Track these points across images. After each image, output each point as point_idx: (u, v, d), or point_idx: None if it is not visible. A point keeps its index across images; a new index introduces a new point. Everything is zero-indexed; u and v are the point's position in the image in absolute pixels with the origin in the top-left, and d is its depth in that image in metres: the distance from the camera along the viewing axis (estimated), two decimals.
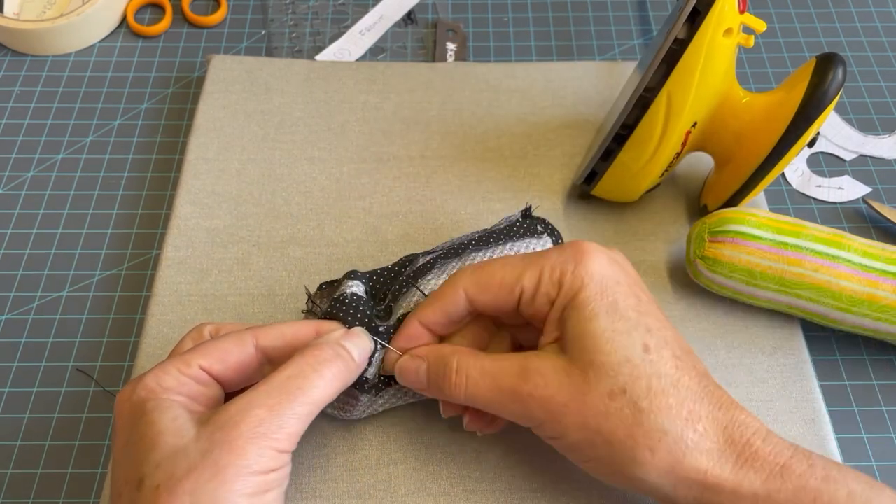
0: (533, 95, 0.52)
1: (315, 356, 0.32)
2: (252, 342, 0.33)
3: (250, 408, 0.29)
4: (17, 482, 0.39)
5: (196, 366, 0.31)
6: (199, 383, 0.31)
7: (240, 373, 0.33)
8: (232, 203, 0.46)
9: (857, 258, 0.39)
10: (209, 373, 0.32)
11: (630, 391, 0.30)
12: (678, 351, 0.32)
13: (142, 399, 0.30)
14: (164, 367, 0.31)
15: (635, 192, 0.44)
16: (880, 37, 0.58)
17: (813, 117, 0.39)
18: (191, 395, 0.31)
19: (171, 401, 0.30)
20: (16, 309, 0.45)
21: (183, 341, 0.34)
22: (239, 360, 0.32)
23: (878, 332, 0.40)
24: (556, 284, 0.33)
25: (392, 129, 0.50)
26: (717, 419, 0.30)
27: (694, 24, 0.37)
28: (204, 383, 0.32)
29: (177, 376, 0.31)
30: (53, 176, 0.50)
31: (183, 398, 0.31)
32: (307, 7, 0.59)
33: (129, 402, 0.30)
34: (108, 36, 0.57)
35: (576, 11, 0.59)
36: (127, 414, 0.30)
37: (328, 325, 0.35)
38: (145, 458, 0.28)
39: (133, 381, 0.31)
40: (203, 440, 0.28)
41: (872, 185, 0.50)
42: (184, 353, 0.32)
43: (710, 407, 0.31)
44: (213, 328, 0.35)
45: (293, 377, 0.31)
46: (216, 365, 0.32)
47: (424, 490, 0.37)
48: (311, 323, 0.35)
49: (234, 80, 0.51)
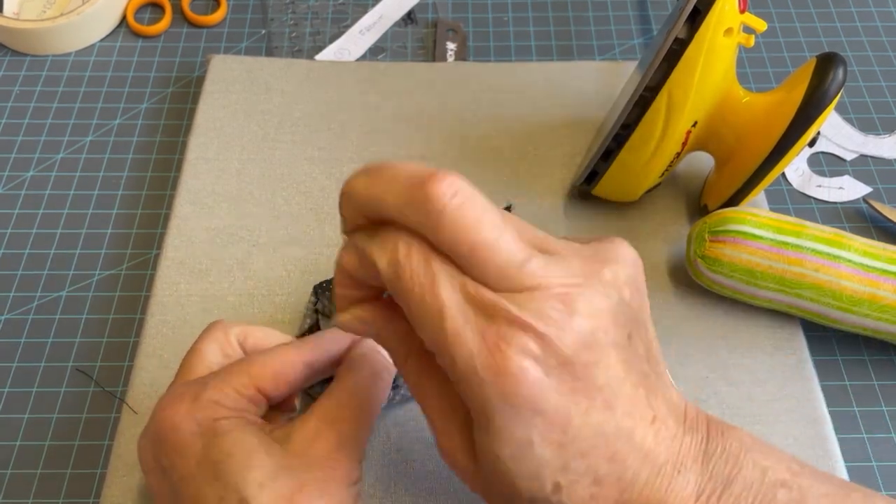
0: (533, 95, 0.51)
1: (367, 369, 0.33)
2: (300, 361, 0.33)
3: (331, 423, 0.30)
4: (17, 482, 0.39)
5: (253, 387, 0.32)
6: (252, 402, 0.32)
7: (286, 391, 0.33)
8: (232, 203, 0.46)
9: (857, 258, 0.39)
10: (261, 392, 0.32)
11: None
12: (601, 475, 0.26)
13: (210, 417, 0.30)
14: (220, 385, 0.31)
15: (636, 191, 0.44)
16: (881, 36, 0.58)
17: (813, 117, 0.38)
18: (247, 412, 0.31)
19: (247, 420, 0.30)
20: (15, 309, 0.45)
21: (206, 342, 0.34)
22: (288, 379, 0.33)
23: (878, 332, 0.40)
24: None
25: (392, 129, 0.50)
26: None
27: (694, 23, 0.37)
28: (255, 402, 0.32)
29: (235, 396, 0.31)
30: (53, 176, 0.50)
31: (246, 417, 0.31)
32: (307, 7, 0.59)
33: (191, 419, 0.30)
34: (108, 36, 0.57)
35: (576, 11, 0.59)
36: (190, 432, 0.30)
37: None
38: (243, 478, 0.28)
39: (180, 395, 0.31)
40: (298, 457, 0.29)
41: (873, 185, 0.50)
42: (235, 370, 0.32)
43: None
44: (240, 332, 0.35)
45: (355, 393, 0.32)
46: (269, 385, 0.32)
47: (424, 490, 0.37)
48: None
49: (234, 79, 0.51)
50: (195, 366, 0.34)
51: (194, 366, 0.34)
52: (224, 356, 0.34)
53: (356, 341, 0.35)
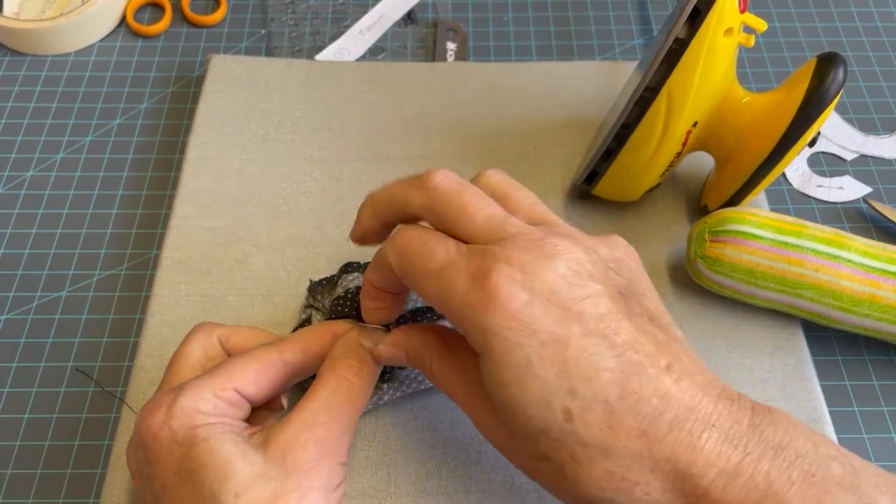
0: (533, 95, 0.51)
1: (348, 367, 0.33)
2: (280, 359, 0.33)
3: (309, 427, 0.30)
4: (17, 482, 0.39)
5: (231, 389, 0.31)
6: (232, 405, 0.31)
7: (269, 391, 0.33)
8: (232, 203, 0.46)
9: (858, 258, 0.39)
10: (241, 394, 0.32)
11: (554, 458, 0.27)
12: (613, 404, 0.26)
13: (186, 425, 0.30)
14: (197, 390, 0.31)
15: (636, 191, 0.44)
16: (881, 37, 0.58)
17: (814, 117, 0.38)
18: (227, 417, 0.31)
19: (223, 426, 0.30)
20: (15, 309, 0.45)
21: (190, 345, 0.34)
22: (269, 379, 0.33)
23: (878, 332, 0.40)
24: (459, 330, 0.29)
25: (392, 129, 0.50)
26: (662, 474, 0.26)
27: (694, 23, 0.37)
28: (236, 405, 0.32)
29: (213, 401, 0.31)
30: (53, 176, 0.50)
31: (226, 421, 0.30)
32: (307, 7, 0.59)
33: (168, 428, 0.30)
34: (108, 36, 0.57)
35: (576, 11, 0.59)
36: (168, 440, 0.30)
37: (340, 325, 0.35)
38: (219, 487, 0.28)
39: (158, 403, 0.30)
40: (276, 465, 0.29)
41: (873, 185, 0.50)
42: (213, 373, 0.32)
43: (651, 465, 0.26)
44: (223, 333, 0.35)
45: (335, 392, 0.32)
46: (249, 387, 0.32)
47: (424, 490, 0.37)
48: (326, 326, 0.35)
49: (234, 79, 0.51)
50: (179, 369, 0.34)
51: (178, 369, 0.34)
52: (207, 358, 0.34)
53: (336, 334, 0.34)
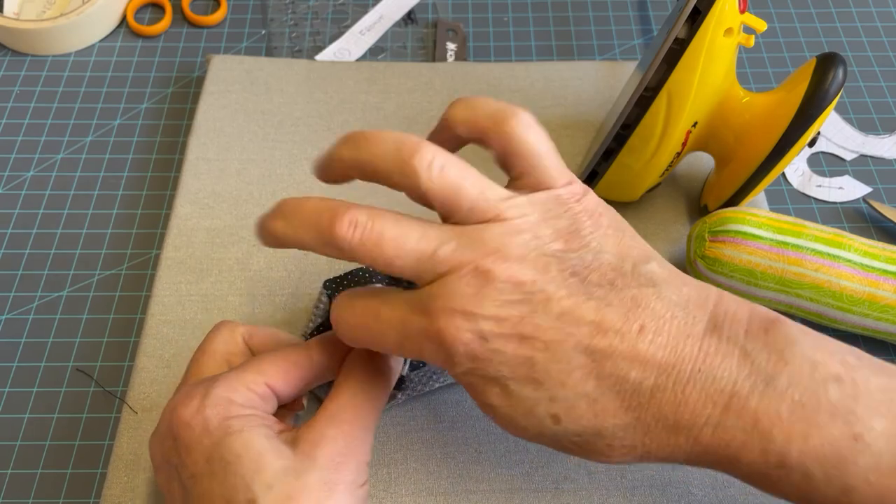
0: (533, 95, 0.51)
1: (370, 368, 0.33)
2: (308, 358, 0.33)
3: (336, 424, 0.31)
4: (17, 482, 0.39)
5: (263, 384, 0.32)
6: (263, 399, 0.32)
7: (297, 389, 0.33)
8: (232, 203, 0.46)
9: (857, 258, 0.39)
10: (272, 389, 0.32)
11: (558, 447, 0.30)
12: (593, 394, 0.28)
13: (220, 415, 0.30)
14: (231, 382, 0.31)
15: (636, 191, 0.44)
16: (881, 37, 0.58)
17: (813, 117, 0.39)
18: (259, 410, 0.31)
19: (256, 419, 0.30)
20: (16, 309, 0.45)
21: (214, 341, 0.34)
22: (298, 377, 0.33)
23: (878, 332, 0.40)
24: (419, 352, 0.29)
25: (392, 129, 0.50)
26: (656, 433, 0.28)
27: (694, 23, 0.37)
28: (266, 399, 0.32)
29: (246, 394, 0.31)
30: (53, 176, 0.50)
31: (258, 414, 0.31)
32: (307, 7, 0.59)
33: (202, 417, 0.30)
34: (108, 36, 0.57)
35: (576, 11, 0.59)
36: (201, 428, 0.30)
37: None
38: (252, 478, 0.28)
39: (191, 394, 0.31)
40: (306, 460, 0.29)
41: (873, 185, 0.50)
42: (245, 368, 0.32)
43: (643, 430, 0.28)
44: (246, 332, 0.35)
45: (358, 393, 0.32)
46: (279, 383, 0.32)
47: (424, 490, 0.37)
48: None
49: (234, 79, 0.51)
50: (204, 364, 0.34)
51: (203, 364, 0.34)
52: (231, 355, 0.35)
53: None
